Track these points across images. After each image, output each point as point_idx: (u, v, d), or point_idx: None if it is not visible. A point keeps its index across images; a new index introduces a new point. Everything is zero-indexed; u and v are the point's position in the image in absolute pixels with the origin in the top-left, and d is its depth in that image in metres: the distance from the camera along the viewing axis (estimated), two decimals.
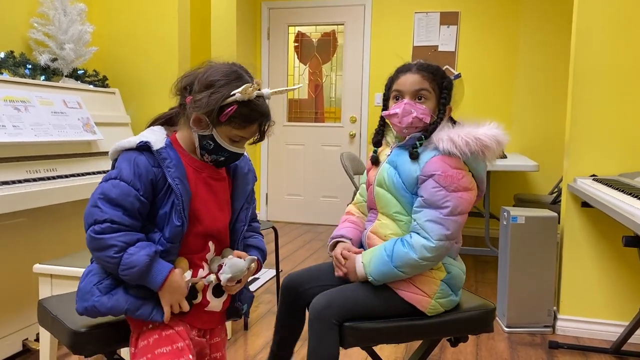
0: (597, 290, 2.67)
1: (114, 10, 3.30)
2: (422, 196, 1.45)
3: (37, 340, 2.31)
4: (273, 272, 3.66)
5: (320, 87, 5.39)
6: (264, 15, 5.38)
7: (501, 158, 3.78)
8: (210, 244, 1.33)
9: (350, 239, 1.65)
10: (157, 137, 1.29)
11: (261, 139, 1.33)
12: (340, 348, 1.47)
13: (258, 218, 1.70)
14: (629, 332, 2.38)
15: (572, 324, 2.70)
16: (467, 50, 4.87)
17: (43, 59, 2.80)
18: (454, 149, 1.43)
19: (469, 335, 1.61)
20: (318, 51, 5.36)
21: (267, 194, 5.54)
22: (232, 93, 1.23)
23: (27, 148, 2.23)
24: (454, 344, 1.60)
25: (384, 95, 1.61)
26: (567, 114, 2.76)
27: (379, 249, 1.51)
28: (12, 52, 2.67)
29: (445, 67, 4.89)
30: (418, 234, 1.46)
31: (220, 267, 1.32)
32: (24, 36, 2.85)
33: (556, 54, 4.55)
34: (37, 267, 1.96)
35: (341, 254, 1.61)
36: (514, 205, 4.17)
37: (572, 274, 2.70)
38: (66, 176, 2.33)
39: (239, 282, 1.33)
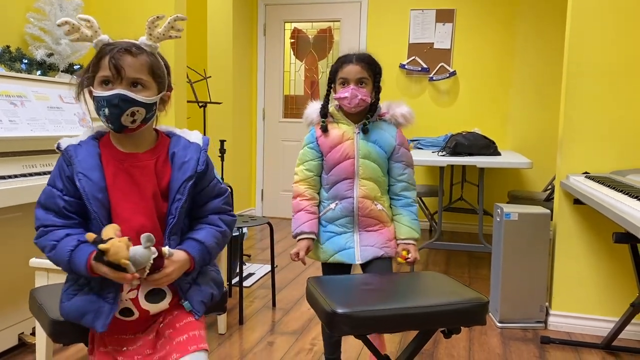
0: (589, 286, 2.70)
1: (109, 5, 3.30)
2: (403, 161, 1.95)
3: (33, 334, 2.32)
4: (268, 267, 3.68)
5: (316, 83, 5.40)
6: (260, 11, 5.38)
7: (495, 155, 3.82)
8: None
9: (315, 234, 1.93)
10: (80, 136, 1.33)
11: (118, 71, 1.23)
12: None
13: (254, 214, 1.69)
14: (620, 328, 2.41)
15: (563, 319, 2.74)
16: (463, 47, 4.89)
17: (39, 54, 2.80)
18: (404, 121, 1.96)
19: (462, 329, 1.63)
20: (314, 48, 5.37)
21: (262, 190, 5.54)
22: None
23: (23, 143, 2.24)
24: (447, 335, 1.63)
25: (329, 79, 1.94)
26: (560, 111, 2.78)
27: (412, 219, 1.95)
28: (8, 47, 2.68)
29: (440, 64, 4.92)
30: (414, 189, 1.98)
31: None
32: (20, 31, 2.85)
33: (551, 51, 4.58)
34: (34, 261, 1.97)
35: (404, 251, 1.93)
36: (507, 202, 4.20)
37: (564, 270, 2.73)
38: None
39: (158, 271, 1.23)
